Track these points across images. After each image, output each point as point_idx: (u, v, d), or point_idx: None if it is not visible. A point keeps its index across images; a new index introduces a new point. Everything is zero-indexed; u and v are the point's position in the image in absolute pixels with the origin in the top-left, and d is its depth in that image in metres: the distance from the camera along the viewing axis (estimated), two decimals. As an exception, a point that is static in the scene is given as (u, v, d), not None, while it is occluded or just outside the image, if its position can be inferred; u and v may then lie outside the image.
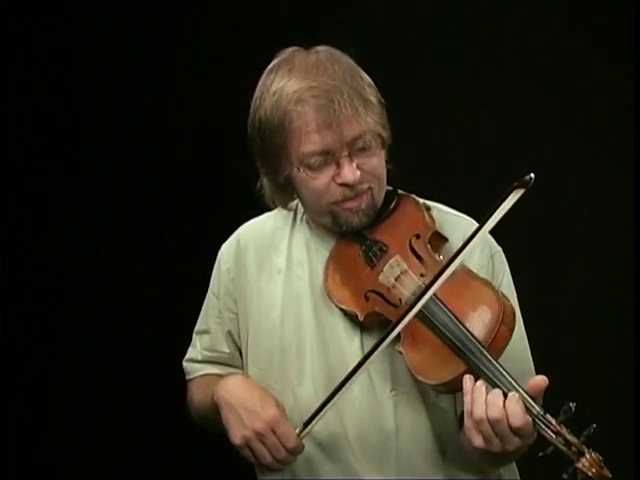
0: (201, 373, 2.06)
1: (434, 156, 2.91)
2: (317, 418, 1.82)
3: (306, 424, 1.83)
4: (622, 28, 2.89)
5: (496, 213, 1.74)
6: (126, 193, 3.08)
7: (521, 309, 1.92)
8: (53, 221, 3.06)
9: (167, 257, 3.10)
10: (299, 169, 1.84)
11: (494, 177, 2.89)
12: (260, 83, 1.88)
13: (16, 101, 2.98)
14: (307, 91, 1.80)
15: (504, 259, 1.96)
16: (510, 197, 1.73)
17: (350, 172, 1.82)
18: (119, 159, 3.07)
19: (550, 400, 1.73)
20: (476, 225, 1.95)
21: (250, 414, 1.84)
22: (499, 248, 1.96)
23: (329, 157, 1.82)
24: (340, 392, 1.80)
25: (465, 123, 2.95)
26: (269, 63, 1.90)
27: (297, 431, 1.84)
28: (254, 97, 1.88)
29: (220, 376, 1.99)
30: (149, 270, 3.10)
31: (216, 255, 2.09)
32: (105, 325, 3.08)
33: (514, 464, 1.98)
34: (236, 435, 1.85)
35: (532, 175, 1.71)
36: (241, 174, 2.64)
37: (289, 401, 1.91)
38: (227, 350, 2.04)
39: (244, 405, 1.86)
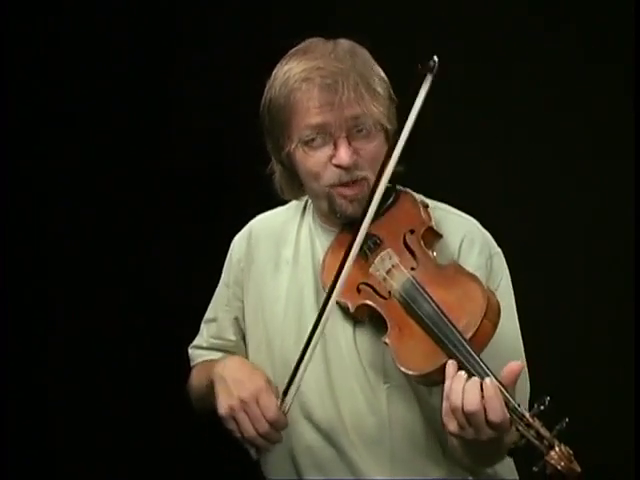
0: (204, 359, 2.10)
1: (432, 156, 2.91)
2: (293, 386, 1.84)
3: (284, 393, 1.85)
4: (622, 28, 2.89)
5: (414, 107, 1.76)
6: (128, 190, 3.08)
7: (517, 310, 1.93)
8: (56, 219, 3.06)
9: (168, 255, 3.11)
10: (298, 146, 1.88)
11: (493, 177, 2.90)
12: (276, 67, 1.93)
13: (15, 102, 2.98)
14: (314, 71, 1.85)
15: (503, 261, 1.96)
16: (423, 85, 1.77)
17: (346, 154, 1.85)
18: (120, 154, 3.07)
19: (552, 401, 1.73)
20: (474, 222, 1.98)
21: (237, 384, 1.88)
22: (498, 250, 1.97)
23: (327, 136, 1.86)
24: (306, 356, 1.83)
25: (464, 123, 2.95)
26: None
27: (277, 402, 1.86)
28: (269, 79, 1.93)
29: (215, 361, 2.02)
30: (149, 267, 3.10)
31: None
32: (106, 321, 3.08)
33: (511, 461, 1.98)
34: (223, 405, 1.88)
35: (436, 58, 1.76)
36: (248, 171, 2.66)
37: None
38: (233, 338, 2.08)
39: (234, 377, 1.90)
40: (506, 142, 2.96)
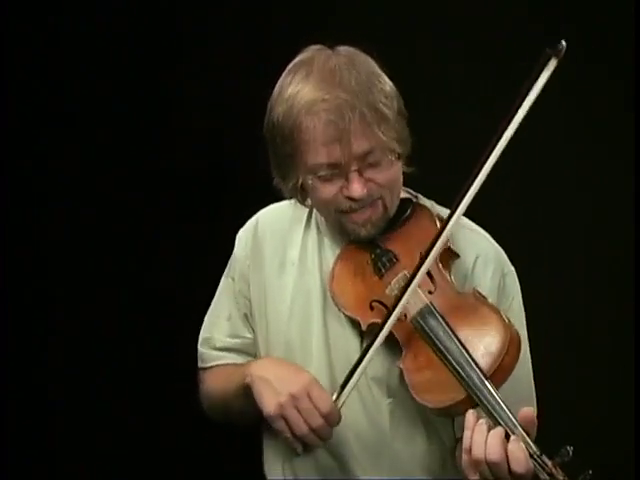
0: (220, 362, 2.04)
1: (431, 155, 2.91)
2: (352, 379, 1.79)
3: (342, 386, 1.81)
4: (622, 28, 2.89)
5: (532, 90, 1.69)
6: (128, 190, 3.08)
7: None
8: (57, 219, 3.06)
9: (168, 255, 3.10)
10: (307, 178, 1.83)
11: (492, 176, 2.89)
12: (279, 81, 1.87)
13: (15, 102, 2.98)
14: (319, 103, 1.77)
15: (516, 280, 1.93)
16: (545, 71, 1.68)
17: (358, 187, 1.80)
18: (120, 154, 3.06)
19: (551, 413, 1.72)
20: (487, 238, 1.95)
21: (284, 381, 1.82)
22: (512, 268, 1.94)
23: (337, 170, 1.80)
24: (368, 354, 1.78)
25: (464, 122, 2.95)
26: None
27: (334, 397, 1.81)
28: (272, 93, 1.87)
29: (239, 365, 1.98)
30: (149, 267, 3.10)
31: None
32: (106, 320, 3.07)
33: None
34: (270, 404, 1.82)
35: (564, 42, 1.65)
36: (248, 170, 2.65)
37: None
38: (249, 335, 2.02)
39: (277, 375, 1.84)
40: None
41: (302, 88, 1.80)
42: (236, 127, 2.96)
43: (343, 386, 1.81)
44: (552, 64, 1.67)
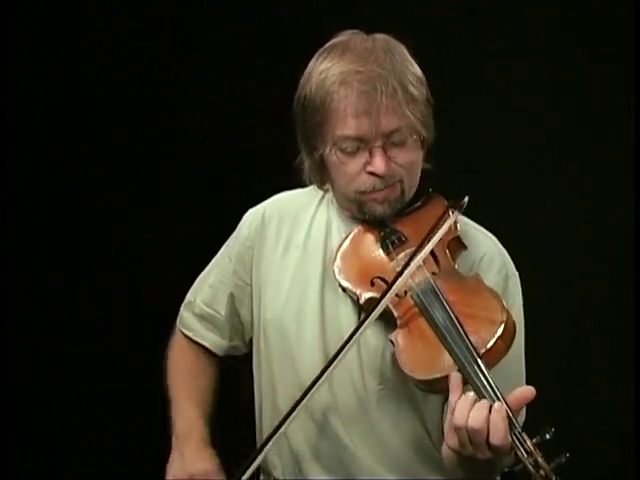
0: (191, 335, 2.09)
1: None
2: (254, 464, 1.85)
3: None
4: (622, 28, 2.90)
5: (435, 237, 1.80)
6: (128, 188, 3.09)
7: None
8: (58, 212, 3.07)
9: (168, 255, 3.11)
10: (332, 151, 1.86)
11: (493, 177, 2.89)
12: (312, 60, 1.90)
13: (20, 101, 2.99)
14: (353, 75, 1.82)
15: (518, 284, 1.96)
16: (447, 221, 1.81)
17: (381, 163, 1.83)
18: (122, 152, 3.08)
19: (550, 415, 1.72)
20: (494, 241, 1.98)
21: (192, 461, 1.99)
22: (516, 272, 1.96)
23: (362, 144, 1.84)
24: (362, 327, 1.81)
25: (464, 123, 2.95)
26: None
27: None
28: (304, 73, 1.90)
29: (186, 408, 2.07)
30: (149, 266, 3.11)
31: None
32: (104, 318, 3.08)
33: None
34: (170, 473, 2.00)
35: (466, 199, 1.81)
36: (248, 169, 2.65)
37: (289, 376, 1.93)
38: (223, 312, 2.05)
39: (191, 454, 2.00)
40: (506, 142, 2.96)
41: (337, 62, 1.85)
42: (236, 127, 2.97)
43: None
44: (453, 217, 1.82)
